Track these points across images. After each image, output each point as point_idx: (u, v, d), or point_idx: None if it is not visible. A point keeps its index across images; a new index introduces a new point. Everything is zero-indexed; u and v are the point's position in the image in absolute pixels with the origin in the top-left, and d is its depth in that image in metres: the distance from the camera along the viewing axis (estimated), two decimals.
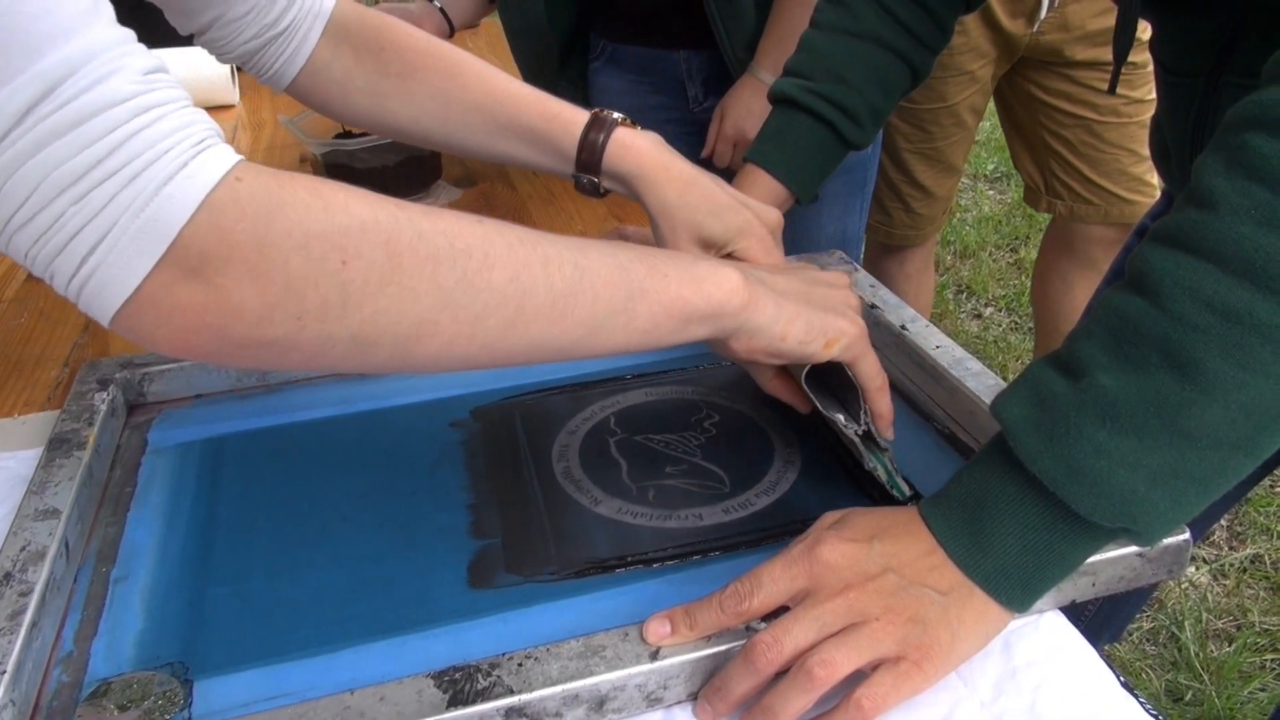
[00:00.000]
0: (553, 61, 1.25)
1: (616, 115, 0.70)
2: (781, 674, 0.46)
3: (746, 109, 1.11)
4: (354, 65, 0.72)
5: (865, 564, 0.48)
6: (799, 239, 1.17)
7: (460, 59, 0.72)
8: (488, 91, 0.71)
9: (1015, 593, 0.47)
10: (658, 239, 0.68)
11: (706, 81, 1.21)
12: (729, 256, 0.66)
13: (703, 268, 0.51)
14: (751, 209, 0.67)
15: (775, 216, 0.69)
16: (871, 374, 0.56)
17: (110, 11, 0.39)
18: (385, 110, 0.73)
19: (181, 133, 0.38)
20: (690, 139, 1.27)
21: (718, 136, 1.16)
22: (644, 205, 0.69)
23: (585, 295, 0.46)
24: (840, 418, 0.57)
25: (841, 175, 1.18)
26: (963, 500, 0.49)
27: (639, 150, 0.68)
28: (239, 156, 0.40)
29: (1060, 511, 0.45)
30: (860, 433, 0.58)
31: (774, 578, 0.48)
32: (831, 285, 0.58)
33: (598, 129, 0.69)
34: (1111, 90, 0.75)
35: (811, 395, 0.58)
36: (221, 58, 0.71)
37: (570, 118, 0.70)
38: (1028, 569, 0.47)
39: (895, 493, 0.58)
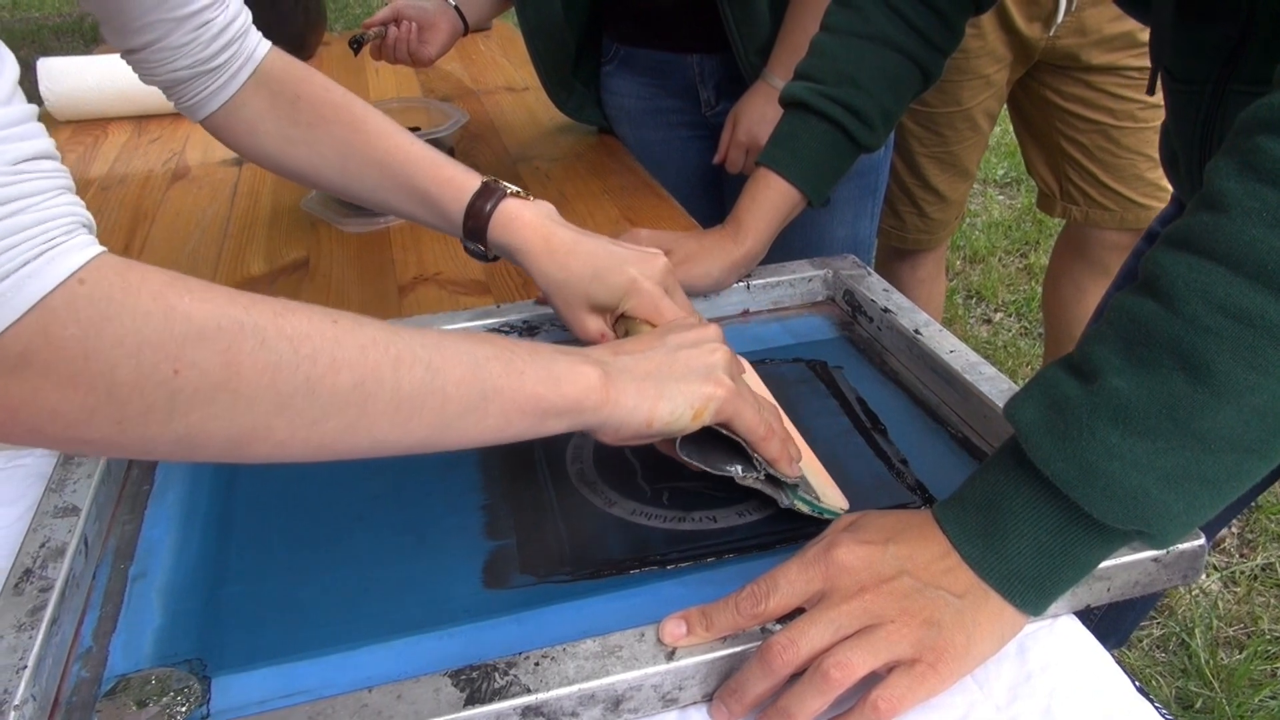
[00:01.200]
0: (569, 60, 1.26)
1: (508, 186, 0.71)
2: (797, 675, 0.46)
3: (759, 115, 1.11)
4: (268, 110, 0.74)
5: (880, 566, 0.48)
6: (811, 243, 1.17)
7: (367, 116, 0.74)
8: (388, 150, 0.72)
9: (1030, 595, 0.47)
10: (554, 308, 0.69)
11: (719, 85, 1.21)
12: (622, 316, 0.67)
13: (562, 364, 0.50)
14: (634, 266, 0.67)
15: (659, 265, 0.68)
16: (750, 427, 0.55)
17: (3, 91, 0.38)
18: (289, 155, 0.75)
19: (35, 229, 0.37)
20: (702, 142, 1.27)
21: (730, 143, 1.16)
22: (532, 277, 0.70)
23: (435, 397, 0.46)
24: (737, 469, 0.56)
25: (853, 179, 1.19)
26: (977, 503, 0.49)
27: (522, 223, 0.69)
28: (96, 251, 0.39)
29: (1074, 514, 0.45)
30: (762, 478, 0.57)
31: (790, 580, 0.48)
32: (696, 346, 0.56)
33: (485, 198, 0.70)
34: (1150, 91, 0.75)
35: (695, 460, 0.56)
36: (145, 78, 0.73)
37: (461, 184, 0.71)
38: (1042, 571, 0.47)
39: (828, 516, 0.58)
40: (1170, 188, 1.55)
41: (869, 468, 0.64)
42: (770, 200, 0.81)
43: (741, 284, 0.83)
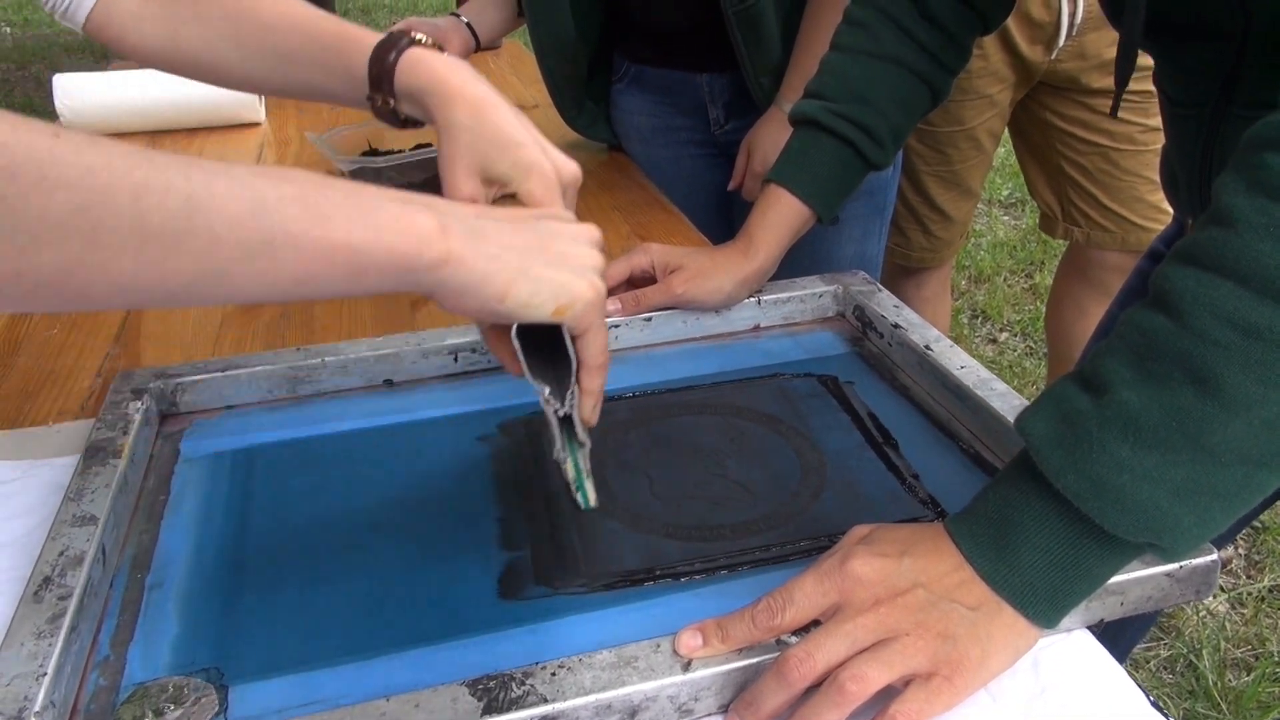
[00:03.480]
0: (580, 78, 1.27)
1: (418, 35, 0.64)
2: (813, 689, 0.47)
3: (774, 144, 1.11)
4: None
5: (895, 579, 0.48)
6: (818, 261, 1.18)
7: None
8: (281, 13, 0.67)
9: (1043, 608, 0.47)
10: (439, 164, 0.61)
11: (728, 105, 1.22)
12: (510, 198, 0.58)
13: (389, 211, 0.43)
14: (550, 156, 0.59)
15: (573, 170, 0.60)
16: (595, 350, 0.50)
17: None
18: (179, 40, 0.68)
19: None
20: (711, 160, 1.28)
21: (746, 172, 1.16)
22: (434, 125, 0.61)
23: (198, 236, 0.39)
24: (546, 390, 0.51)
25: (862, 198, 1.19)
26: (989, 516, 0.49)
27: (433, 65, 0.61)
28: None
29: (1086, 527, 0.46)
30: (561, 414, 0.52)
31: (806, 593, 0.49)
32: (574, 240, 0.50)
33: (391, 46, 0.63)
34: (1113, 113, 0.75)
35: (521, 355, 0.51)
36: None
37: (361, 37, 0.65)
38: (1055, 584, 0.47)
39: (580, 496, 0.54)
40: (1171, 209, 1.56)
41: (881, 482, 0.64)
42: (781, 216, 0.81)
43: (753, 299, 0.84)
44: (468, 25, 1.31)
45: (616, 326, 0.81)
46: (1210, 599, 1.61)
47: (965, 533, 0.49)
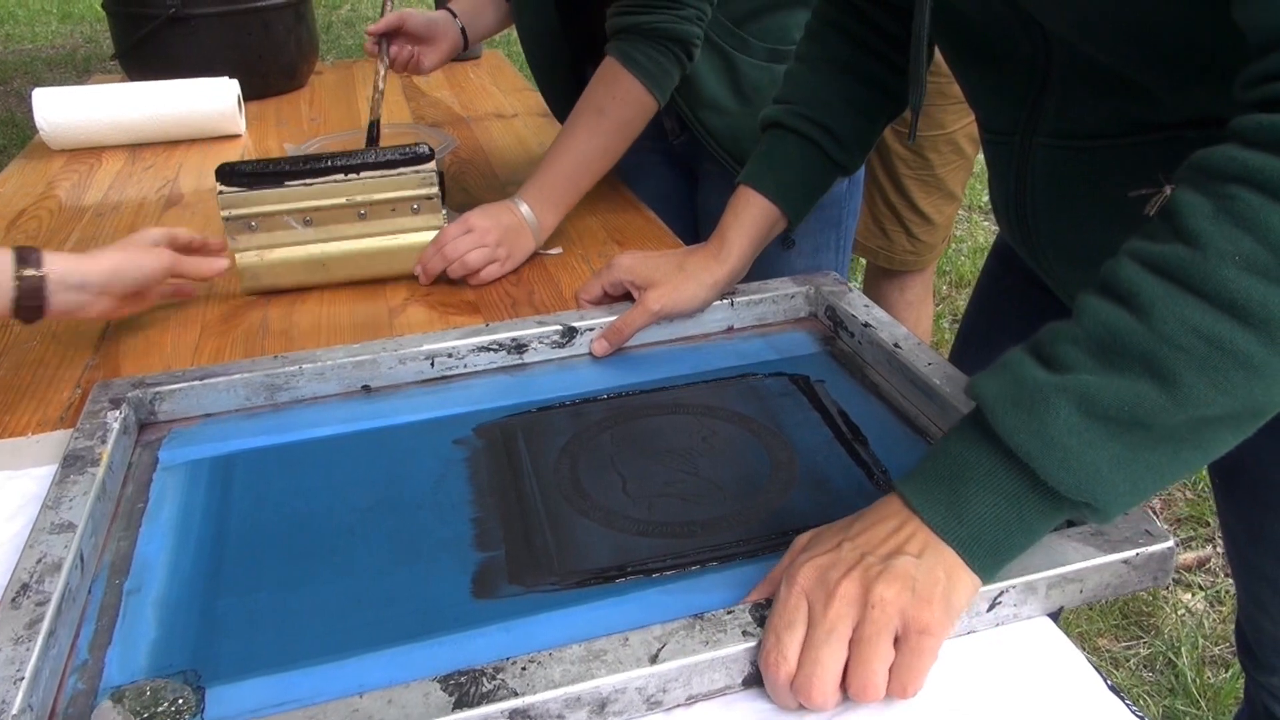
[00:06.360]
0: (565, 70, 1.28)
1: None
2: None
3: (605, 85, 1.07)
4: None
5: (842, 561, 0.50)
6: (771, 276, 1.19)
7: None
8: None
9: (985, 560, 0.50)
10: None
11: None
12: None
13: None
14: None
15: None
16: None
17: None
18: None
19: None
20: (668, 167, 1.32)
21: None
22: None
23: None
24: None
25: (814, 211, 1.21)
26: (938, 474, 0.51)
27: None
28: None
29: (1030, 483, 0.49)
30: None
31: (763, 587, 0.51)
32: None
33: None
34: (910, 139, 0.77)
35: None
36: None
37: None
38: (998, 537, 0.50)
39: None
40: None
41: (850, 477, 0.65)
42: (751, 217, 0.83)
43: (725, 301, 0.85)
44: (461, 27, 1.32)
45: (592, 330, 0.82)
46: (1188, 596, 1.63)
47: (916, 490, 0.52)
